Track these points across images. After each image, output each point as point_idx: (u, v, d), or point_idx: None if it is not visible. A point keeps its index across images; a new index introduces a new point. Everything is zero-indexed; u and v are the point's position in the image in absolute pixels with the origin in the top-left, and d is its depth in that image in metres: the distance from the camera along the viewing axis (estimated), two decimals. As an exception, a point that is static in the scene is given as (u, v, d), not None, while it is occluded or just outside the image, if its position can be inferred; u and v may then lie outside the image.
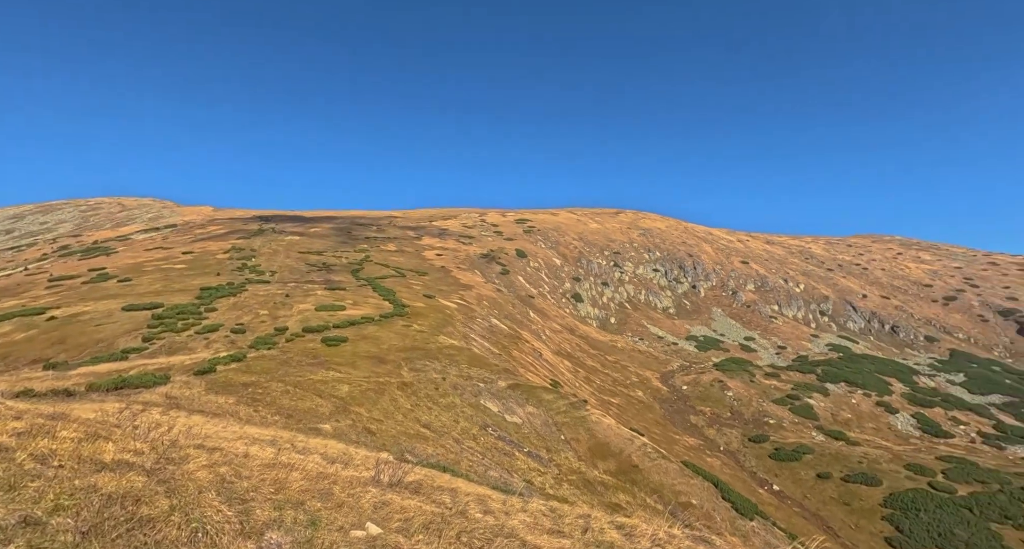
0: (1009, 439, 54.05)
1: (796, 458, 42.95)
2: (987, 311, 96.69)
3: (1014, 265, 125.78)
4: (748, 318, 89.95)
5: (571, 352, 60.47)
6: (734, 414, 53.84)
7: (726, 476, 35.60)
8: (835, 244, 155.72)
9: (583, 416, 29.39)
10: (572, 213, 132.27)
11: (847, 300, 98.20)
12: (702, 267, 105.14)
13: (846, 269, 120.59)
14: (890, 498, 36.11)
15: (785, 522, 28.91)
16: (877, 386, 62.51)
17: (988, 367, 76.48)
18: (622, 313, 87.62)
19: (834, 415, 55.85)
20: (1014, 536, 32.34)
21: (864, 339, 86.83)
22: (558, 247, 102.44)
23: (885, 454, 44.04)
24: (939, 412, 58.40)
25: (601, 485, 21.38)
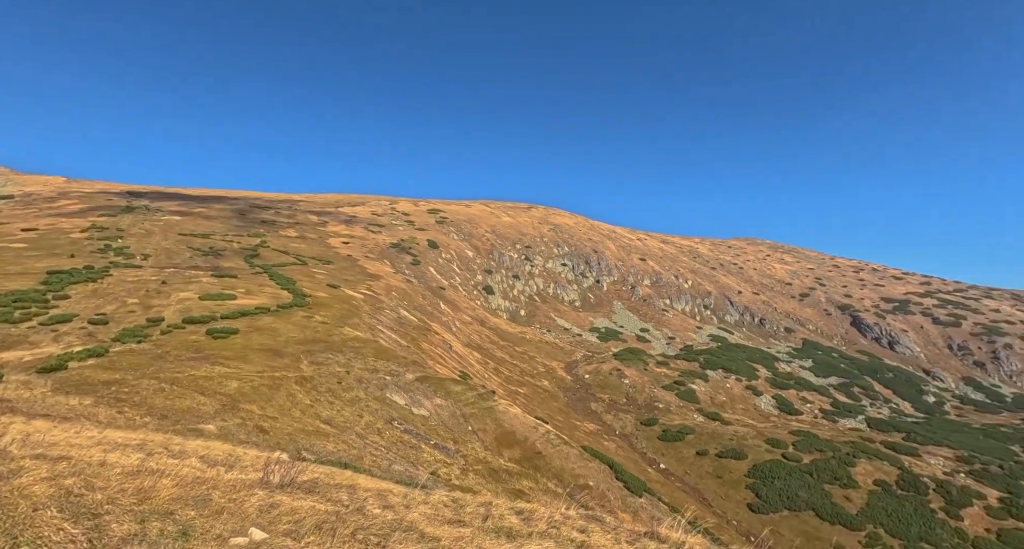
0: (841, 414, 64.70)
1: (680, 438, 47.56)
2: (830, 306, 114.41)
3: (850, 267, 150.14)
4: (644, 311, 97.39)
5: (481, 344, 61.02)
6: (629, 400, 58.15)
7: (620, 458, 38.39)
8: (718, 245, 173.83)
9: (491, 407, 29.86)
10: (486, 206, 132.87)
11: (726, 296, 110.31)
12: (606, 263, 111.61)
13: (726, 268, 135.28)
14: (753, 469, 41.49)
15: (669, 497, 31.94)
16: (747, 372, 71.19)
17: (829, 354, 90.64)
18: (531, 305, 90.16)
19: (712, 398, 62.69)
20: (840, 493, 38.93)
21: (738, 330, 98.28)
22: (471, 239, 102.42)
23: (751, 431, 50.41)
24: (793, 393, 68.10)
25: (506, 473, 21.93)
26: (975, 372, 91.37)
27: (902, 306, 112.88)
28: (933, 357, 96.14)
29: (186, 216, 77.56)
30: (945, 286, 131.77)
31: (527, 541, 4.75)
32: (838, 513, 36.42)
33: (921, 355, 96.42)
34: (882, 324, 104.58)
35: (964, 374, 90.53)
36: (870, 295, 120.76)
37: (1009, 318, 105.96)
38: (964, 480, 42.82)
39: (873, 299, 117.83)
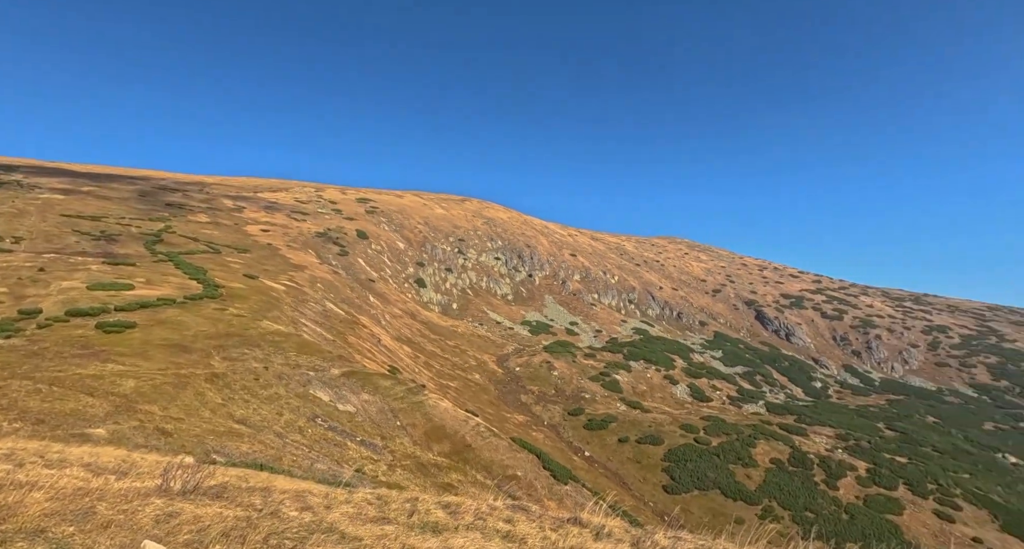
0: (745, 400, 71.08)
1: (604, 427, 49.81)
2: (738, 302, 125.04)
3: (756, 266, 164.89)
4: (574, 305, 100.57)
5: (412, 337, 59.86)
6: (558, 391, 59.91)
7: (548, 448, 39.51)
8: (643, 243, 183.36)
9: (421, 401, 29.43)
10: (418, 197, 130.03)
11: (649, 291, 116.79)
12: (538, 257, 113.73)
13: (650, 265, 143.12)
14: (668, 453, 44.47)
15: (592, 483, 33.41)
16: (665, 362, 75.99)
17: (736, 345, 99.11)
18: (464, 299, 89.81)
19: (634, 388, 66.27)
20: (742, 472, 42.86)
21: (659, 324, 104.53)
22: (402, 230, 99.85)
23: (668, 418, 53.94)
24: (705, 382, 73.74)
25: (435, 467, 21.76)
26: (853, 360, 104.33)
27: (797, 302, 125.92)
28: (821, 347, 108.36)
29: (72, 195, 68.39)
30: (832, 284, 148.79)
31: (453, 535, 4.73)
32: (740, 490, 40.07)
33: (811, 346, 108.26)
34: (781, 318, 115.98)
35: (844, 362, 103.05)
36: (772, 292, 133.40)
37: (879, 313, 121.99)
38: (841, 455, 48.85)
39: (774, 295, 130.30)
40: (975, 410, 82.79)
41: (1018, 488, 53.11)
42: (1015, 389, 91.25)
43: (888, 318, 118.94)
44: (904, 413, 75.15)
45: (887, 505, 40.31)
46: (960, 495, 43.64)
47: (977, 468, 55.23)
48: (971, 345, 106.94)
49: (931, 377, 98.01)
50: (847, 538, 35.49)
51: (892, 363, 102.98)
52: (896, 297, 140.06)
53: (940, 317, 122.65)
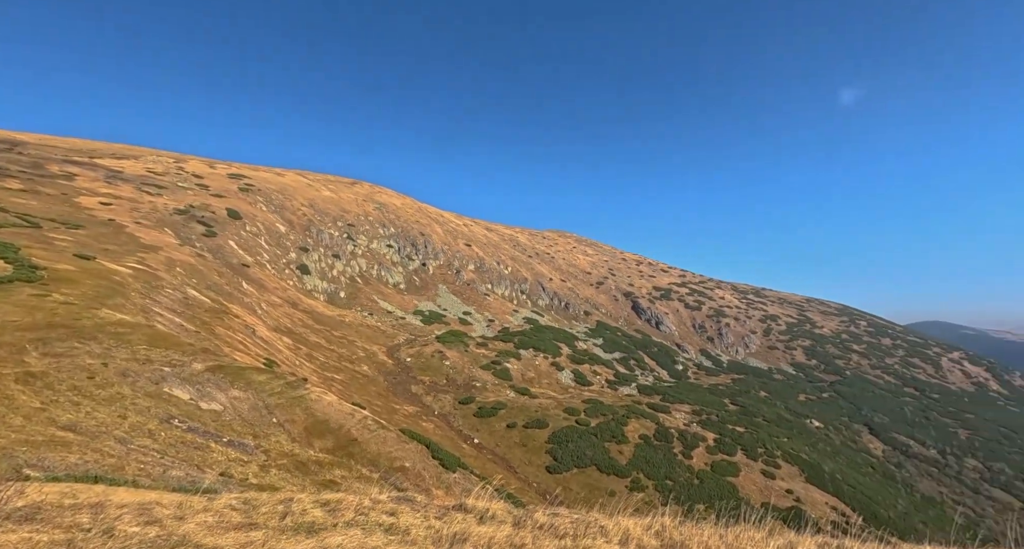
0: (621, 383, 77.93)
1: (493, 414, 51.11)
2: (618, 293, 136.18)
3: (634, 261, 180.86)
4: (467, 295, 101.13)
5: (293, 328, 55.37)
6: (449, 381, 59.99)
7: (438, 437, 39.46)
8: (535, 236, 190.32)
9: (301, 395, 27.44)
10: (302, 176, 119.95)
11: (540, 282, 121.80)
12: (432, 246, 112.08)
13: (541, 257, 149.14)
14: (552, 436, 47.13)
15: (481, 468, 34.16)
16: (553, 350, 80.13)
17: (615, 333, 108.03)
18: (353, 287, 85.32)
19: (523, 375, 68.91)
20: (616, 448, 47.09)
21: (548, 313, 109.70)
22: (283, 212, 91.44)
23: (553, 402, 57.06)
24: (587, 367, 79.28)
25: (316, 464, 20.50)
26: (708, 345, 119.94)
27: (666, 294, 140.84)
28: (683, 334, 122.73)
29: None
30: (694, 279, 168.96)
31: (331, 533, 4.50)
32: (613, 465, 43.99)
33: (676, 333, 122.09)
34: (652, 308, 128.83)
35: (701, 347, 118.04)
36: (646, 284, 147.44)
37: (729, 304, 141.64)
38: (695, 428, 56.07)
39: (648, 288, 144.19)
40: (793, 385, 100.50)
41: (818, 447, 65.69)
42: (821, 366, 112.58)
43: (735, 308, 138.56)
44: (744, 390, 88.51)
45: (728, 469, 47.28)
46: (780, 456, 52.80)
47: (792, 432, 67.22)
48: (793, 331, 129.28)
49: (764, 358, 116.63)
50: (697, 500, 40.94)
51: (737, 347, 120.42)
52: (742, 290, 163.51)
53: (773, 308, 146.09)
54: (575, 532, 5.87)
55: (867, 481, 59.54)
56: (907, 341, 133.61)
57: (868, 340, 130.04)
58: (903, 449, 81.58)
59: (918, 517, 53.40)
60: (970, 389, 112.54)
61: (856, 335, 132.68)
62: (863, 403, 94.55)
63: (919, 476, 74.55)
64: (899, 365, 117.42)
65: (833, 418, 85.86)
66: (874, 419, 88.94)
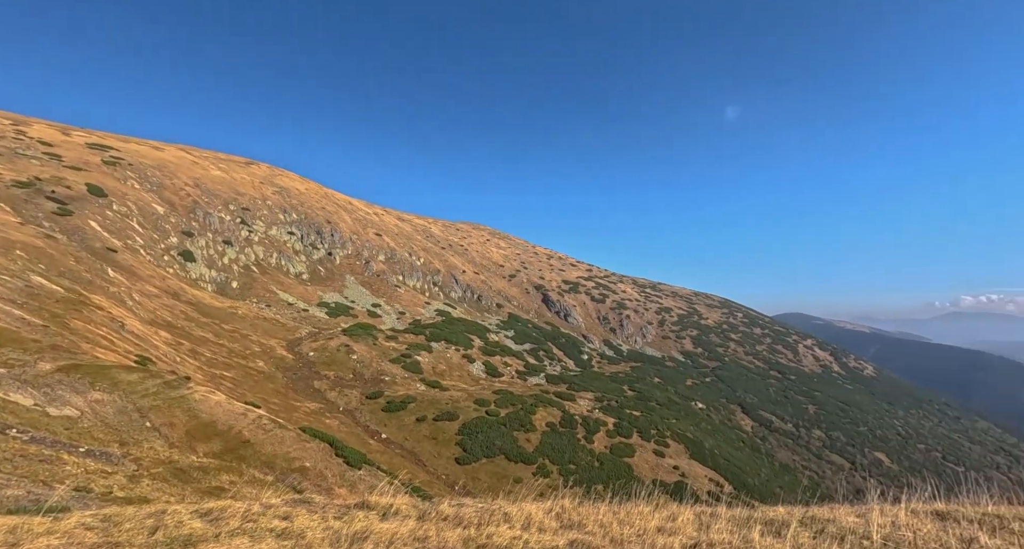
0: (530, 373, 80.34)
1: (403, 408, 50.04)
2: (529, 286, 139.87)
3: (545, 255, 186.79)
4: (377, 286, 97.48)
5: (173, 321, 49.37)
6: (356, 375, 57.54)
7: (342, 434, 37.74)
8: (448, 227, 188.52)
9: (183, 396, 24.66)
10: (187, 152, 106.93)
11: (453, 274, 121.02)
12: (340, 235, 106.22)
13: (454, 249, 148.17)
14: (462, 427, 47.33)
15: (388, 463, 33.32)
16: (464, 342, 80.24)
17: (526, 325, 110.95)
18: (248, 277, 78.13)
19: (434, 368, 68.20)
20: (523, 437, 48.58)
21: (461, 306, 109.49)
22: (162, 191, 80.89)
23: (464, 395, 57.22)
24: (498, 359, 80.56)
25: (199, 471, 18.56)
26: (610, 336, 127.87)
27: (574, 287, 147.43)
28: (589, 326, 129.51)
29: None
30: (600, 273, 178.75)
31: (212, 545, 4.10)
32: (521, 453, 45.34)
33: (582, 324, 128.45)
34: (561, 301, 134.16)
35: (604, 337, 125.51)
36: (556, 278, 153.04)
37: (630, 297, 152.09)
38: (597, 414, 59.63)
39: (557, 281, 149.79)
40: (682, 371, 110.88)
41: (701, 426, 73.20)
42: (705, 354, 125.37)
43: (635, 301, 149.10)
44: (640, 376, 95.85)
45: (625, 450, 50.99)
46: (669, 436, 58.07)
47: (680, 414, 74.21)
48: (683, 322, 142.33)
49: (659, 347, 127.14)
50: (597, 482, 43.65)
51: (636, 337, 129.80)
52: (641, 285, 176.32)
53: (667, 301, 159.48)
54: (479, 520, 5.96)
55: (739, 454, 67.74)
56: (773, 330, 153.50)
57: (743, 330, 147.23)
58: (767, 424, 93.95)
59: (776, 483, 61.90)
60: (818, 371, 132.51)
61: (734, 325, 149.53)
62: (738, 385, 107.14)
63: (779, 447, 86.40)
64: (766, 351, 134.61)
65: (714, 400, 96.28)
66: (746, 399, 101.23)
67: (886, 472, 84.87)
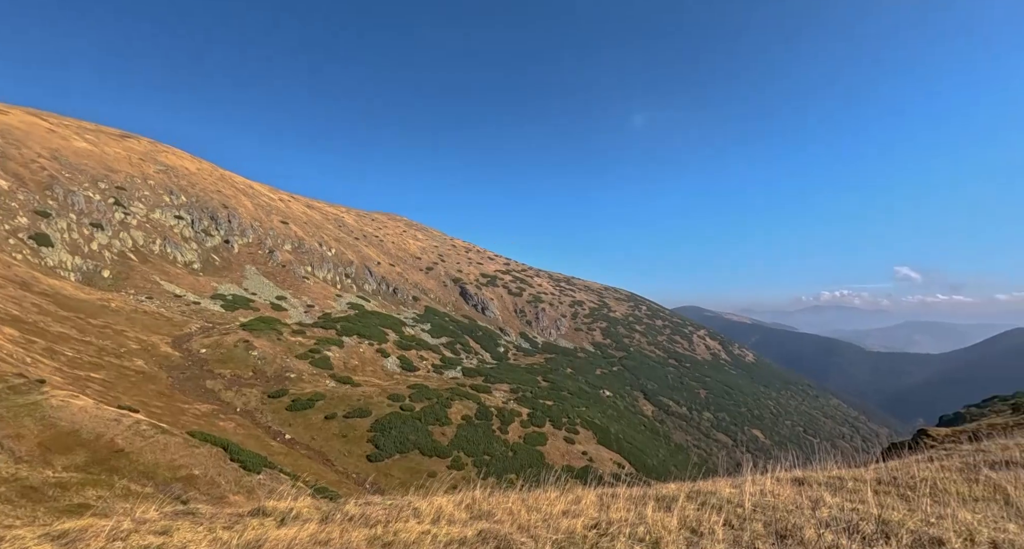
0: (447, 367, 79.89)
1: (310, 406, 47.29)
2: (447, 279, 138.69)
3: (463, 248, 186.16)
4: (282, 277, 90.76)
5: (23, 316, 42.01)
6: (257, 373, 53.25)
7: (239, 437, 34.81)
8: (363, 217, 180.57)
9: (35, 401, 21.18)
10: (40, 118, 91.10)
11: (367, 266, 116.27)
12: (239, 221, 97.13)
13: (369, 239, 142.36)
14: (375, 424, 45.88)
15: (292, 466, 31.34)
16: (379, 336, 77.62)
17: (443, 318, 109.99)
18: (124, 265, 68.71)
19: (345, 363, 65.18)
20: (439, 431, 48.30)
21: (375, 298, 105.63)
22: (5, 162, 68.26)
23: (377, 390, 55.42)
24: (414, 353, 79.02)
25: (57, 487, 16.09)
26: (527, 328, 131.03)
27: (492, 281, 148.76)
28: (506, 319, 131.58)
29: None
30: (517, 267, 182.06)
31: (67, 571, 3.57)
32: (435, 447, 45.03)
33: (499, 317, 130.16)
34: (479, 294, 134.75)
35: (521, 330, 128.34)
36: (474, 271, 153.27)
37: (545, 291, 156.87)
38: (512, 405, 60.94)
39: (475, 274, 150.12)
40: (592, 361, 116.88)
41: (608, 412, 77.80)
42: (613, 345, 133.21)
43: (550, 295, 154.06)
44: (554, 367, 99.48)
45: (538, 439, 52.72)
46: (579, 423, 61.03)
47: (590, 402, 78.27)
48: (594, 315, 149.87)
49: (572, 339, 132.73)
50: (511, 471, 44.68)
51: (550, 330, 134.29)
52: (556, 279, 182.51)
53: (580, 294, 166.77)
54: (388, 518, 5.82)
55: (640, 437, 73.12)
56: (672, 322, 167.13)
57: (647, 322, 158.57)
58: (665, 409, 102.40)
59: (672, 461, 67.77)
60: (709, 358, 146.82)
61: (639, 317, 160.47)
62: (641, 373, 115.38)
63: (675, 429, 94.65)
64: (666, 341, 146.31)
65: (620, 387, 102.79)
66: (648, 386, 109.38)
67: (761, 446, 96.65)
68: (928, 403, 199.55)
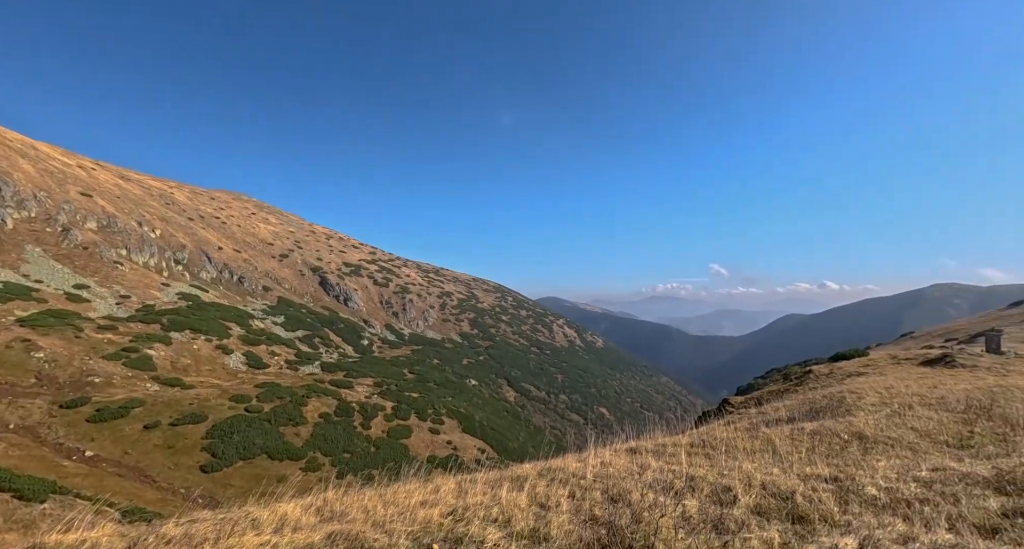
0: (303, 362, 73.72)
1: (123, 415, 39.66)
2: (304, 268, 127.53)
3: (324, 235, 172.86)
4: (84, 262, 73.96)
5: None
6: (43, 379, 42.77)
7: (14, 460, 27.72)
8: (200, 195, 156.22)
9: None
10: None
11: (204, 251, 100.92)
12: (14, 189, 76.34)
13: (207, 221, 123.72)
14: (212, 429, 40.36)
15: (94, 488, 25.96)
16: (219, 331, 68.18)
17: (299, 310, 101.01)
18: None
19: (174, 363, 55.94)
20: (292, 431, 44.48)
21: (215, 288, 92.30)
22: None
23: (216, 391, 48.73)
24: (263, 348, 71.18)
25: None
26: (393, 320, 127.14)
27: (356, 270, 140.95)
28: (371, 310, 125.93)
29: None
30: (384, 256, 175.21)
31: None
32: (287, 449, 41.35)
33: (364, 309, 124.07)
34: (341, 284, 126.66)
35: (387, 322, 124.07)
36: (335, 259, 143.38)
37: (414, 281, 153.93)
38: (376, 399, 58.80)
39: (337, 263, 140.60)
40: (460, 352, 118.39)
41: (473, 401, 79.75)
42: (480, 335, 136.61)
43: (419, 286, 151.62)
44: (420, 359, 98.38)
45: (402, 432, 51.75)
46: (445, 413, 61.47)
47: (456, 392, 79.29)
48: (463, 306, 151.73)
49: (439, 330, 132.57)
50: (373, 467, 43.13)
51: (418, 321, 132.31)
52: (425, 269, 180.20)
53: (448, 285, 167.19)
54: (218, 535, 5.15)
55: (503, 423, 76.41)
56: (535, 312, 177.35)
57: (512, 312, 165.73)
58: (527, 394, 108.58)
59: (531, 443, 72.21)
60: (566, 345, 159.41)
61: (505, 308, 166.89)
62: (505, 362, 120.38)
63: (534, 412, 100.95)
64: (529, 330, 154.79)
65: (485, 376, 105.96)
66: (511, 373, 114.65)
67: (607, 423, 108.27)
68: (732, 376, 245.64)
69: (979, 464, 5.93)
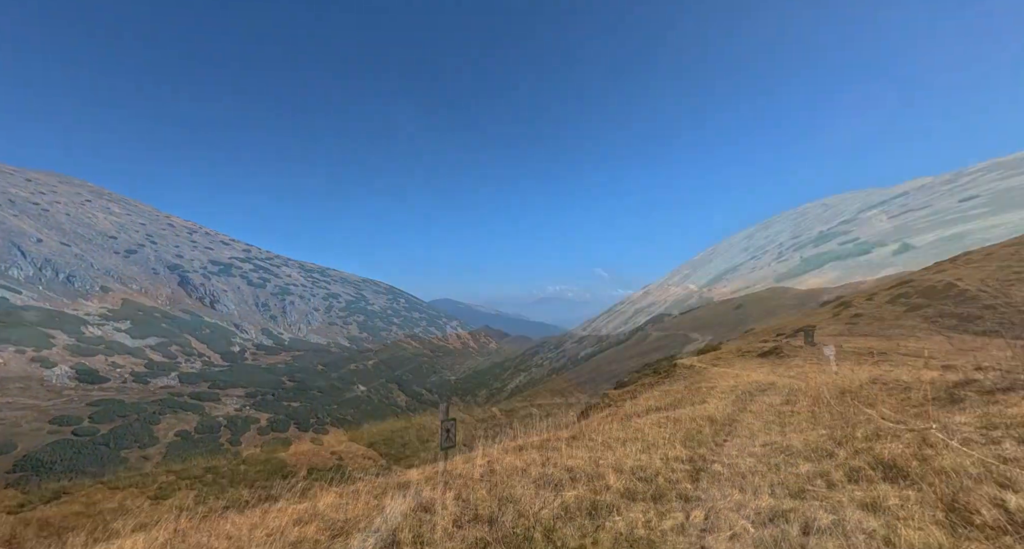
0: (155, 374, 63.96)
1: None
2: (159, 265, 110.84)
3: (185, 228, 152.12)
4: None
5: None
6: None
7: None
8: (9, 175, 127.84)
9: None
10: None
11: (15, 243, 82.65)
12: None
13: (20, 207, 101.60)
14: (23, 460, 33.18)
15: None
16: (37, 341, 56.34)
17: (152, 314, 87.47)
18: None
19: (-32, 381, 44.90)
20: (139, 454, 38.34)
21: (34, 289, 76.02)
22: None
23: (30, 413, 40.17)
24: (101, 359, 60.33)
25: None
26: (270, 324, 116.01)
27: (226, 269, 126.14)
28: (244, 313, 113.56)
29: None
30: (261, 254, 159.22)
31: None
32: (131, 476, 35.46)
33: (235, 312, 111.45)
34: (208, 285, 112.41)
35: (263, 326, 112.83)
36: (200, 257, 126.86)
37: (295, 282, 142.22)
38: (248, 411, 53.17)
39: (202, 261, 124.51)
40: (347, 357, 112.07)
41: (361, 407, 76.01)
42: (370, 338, 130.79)
43: (301, 286, 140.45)
44: (302, 366, 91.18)
45: (279, 446, 47.38)
46: (329, 422, 57.68)
47: (343, 398, 74.90)
48: (351, 308, 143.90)
49: (325, 334, 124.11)
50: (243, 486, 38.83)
51: (300, 324, 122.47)
52: (309, 269, 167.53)
53: (335, 286, 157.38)
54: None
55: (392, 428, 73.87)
56: (428, 314, 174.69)
57: (405, 314, 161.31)
58: (418, 397, 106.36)
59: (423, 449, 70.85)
60: (460, 347, 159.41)
61: (397, 310, 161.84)
62: (397, 365, 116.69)
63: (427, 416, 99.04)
64: (422, 332, 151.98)
65: (374, 381, 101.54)
66: (403, 377, 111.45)
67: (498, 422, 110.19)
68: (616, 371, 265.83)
69: (794, 437, 7.19)
